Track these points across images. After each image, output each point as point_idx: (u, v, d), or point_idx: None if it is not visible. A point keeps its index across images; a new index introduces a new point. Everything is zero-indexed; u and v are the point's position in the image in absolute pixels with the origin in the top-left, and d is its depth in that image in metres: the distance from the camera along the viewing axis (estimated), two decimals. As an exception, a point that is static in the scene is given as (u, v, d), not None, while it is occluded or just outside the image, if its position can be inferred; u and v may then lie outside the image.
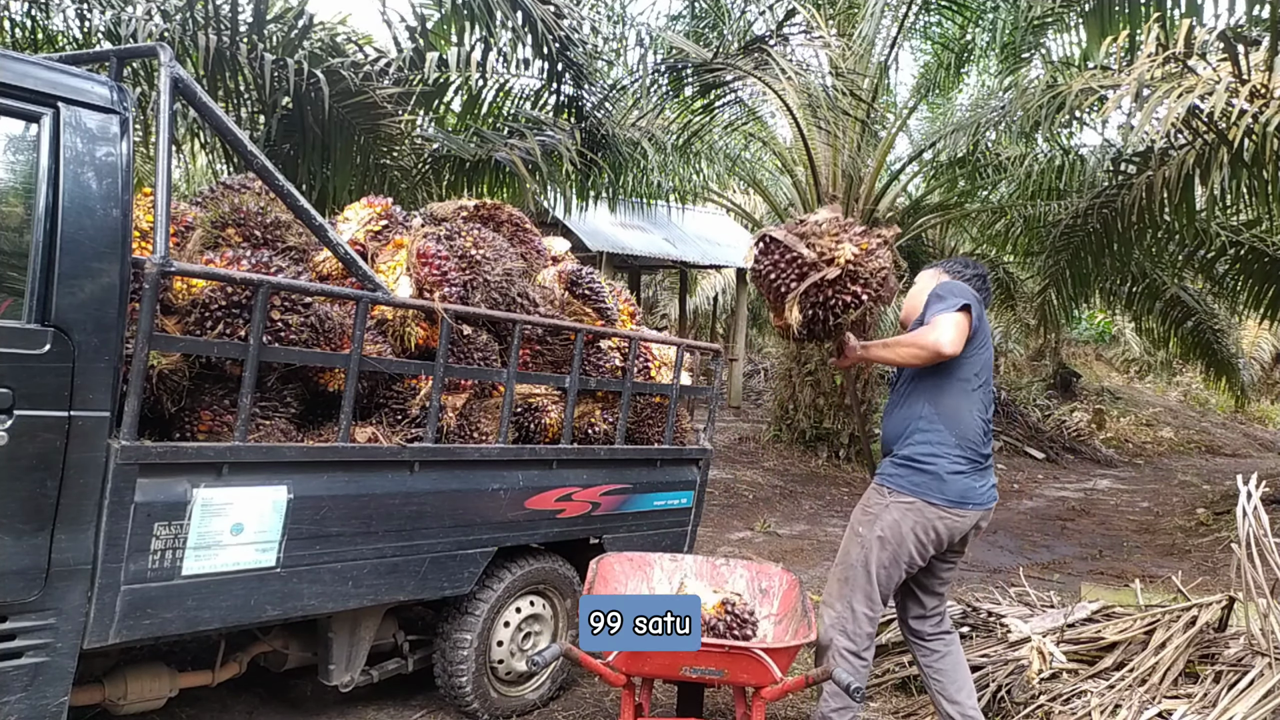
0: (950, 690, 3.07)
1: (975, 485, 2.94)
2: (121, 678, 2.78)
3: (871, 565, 2.94)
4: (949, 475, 2.90)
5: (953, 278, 3.11)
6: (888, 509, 2.95)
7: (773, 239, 2.97)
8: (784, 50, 7.81)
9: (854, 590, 2.96)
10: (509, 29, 6.74)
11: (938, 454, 2.91)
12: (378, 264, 3.19)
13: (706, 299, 21.39)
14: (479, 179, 7.92)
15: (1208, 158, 6.42)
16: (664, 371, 3.89)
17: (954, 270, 3.17)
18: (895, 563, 2.94)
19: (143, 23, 5.47)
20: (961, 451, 2.92)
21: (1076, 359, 21.68)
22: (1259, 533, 3.25)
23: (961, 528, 2.96)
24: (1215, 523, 8.75)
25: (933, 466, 2.91)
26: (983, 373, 2.99)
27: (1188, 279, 12.01)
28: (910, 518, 2.92)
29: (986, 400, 3.00)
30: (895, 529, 2.92)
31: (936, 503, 2.90)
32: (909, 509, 2.92)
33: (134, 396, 2.37)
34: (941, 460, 2.91)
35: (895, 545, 2.93)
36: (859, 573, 2.96)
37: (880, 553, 2.94)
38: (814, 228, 2.97)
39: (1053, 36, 8.43)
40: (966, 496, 2.92)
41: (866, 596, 2.95)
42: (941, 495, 2.90)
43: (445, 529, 3.12)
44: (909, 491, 2.93)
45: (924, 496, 2.91)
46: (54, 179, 2.27)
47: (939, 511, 2.90)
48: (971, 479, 2.93)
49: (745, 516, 7.73)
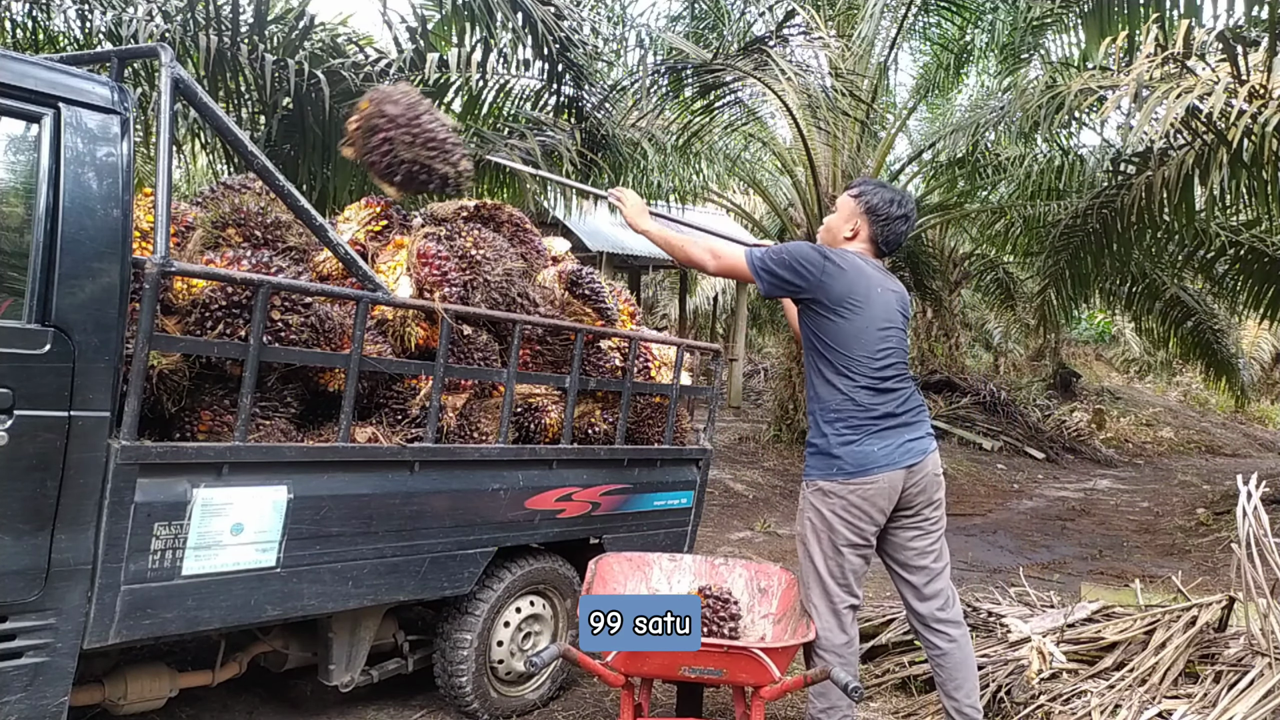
0: (949, 687, 3.04)
1: (871, 449, 2.87)
2: (121, 678, 2.78)
3: (815, 559, 2.95)
4: (839, 449, 2.89)
5: (868, 212, 3.06)
6: (808, 500, 2.99)
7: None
8: (783, 51, 7.81)
9: (809, 587, 2.99)
10: (509, 30, 6.74)
11: (821, 432, 2.95)
12: (378, 264, 3.19)
13: (706, 299, 21.39)
14: (479, 179, 7.92)
15: (1207, 158, 6.42)
16: (664, 371, 3.89)
17: (873, 203, 3.07)
18: (835, 550, 2.92)
19: (144, 23, 5.47)
20: (840, 421, 2.90)
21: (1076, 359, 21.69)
22: (1259, 533, 3.25)
23: (884, 494, 2.88)
24: (1215, 523, 8.75)
25: (821, 444, 2.94)
26: (851, 339, 2.92)
27: (1187, 279, 12.02)
28: (825, 502, 2.92)
29: (870, 361, 2.91)
30: (818, 516, 2.94)
31: (839, 480, 2.89)
32: (820, 494, 2.94)
33: (134, 396, 2.37)
34: (827, 437, 2.92)
35: (827, 532, 2.93)
36: (807, 569, 3.00)
37: (816, 545, 2.95)
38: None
39: (1052, 37, 8.44)
40: (866, 462, 2.87)
41: (822, 590, 2.95)
42: (840, 470, 2.89)
43: (445, 529, 3.13)
44: (815, 477, 2.96)
45: (826, 477, 2.92)
46: (55, 179, 2.27)
47: (846, 486, 2.88)
48: (866, 444, 2.88)
49: (745, 516, 7.73)
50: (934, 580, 3.04)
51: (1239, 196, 7.35)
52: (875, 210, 3.06)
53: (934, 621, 3.03)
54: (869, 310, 2.94)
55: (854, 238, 3.09)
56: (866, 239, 3.08)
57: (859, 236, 3.08)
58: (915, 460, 2.94)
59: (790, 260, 2.95)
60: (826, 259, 2.95)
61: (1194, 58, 5.42)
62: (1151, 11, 6.59)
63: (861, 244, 3.08)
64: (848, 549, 2.93)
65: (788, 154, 11.03)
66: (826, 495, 2.93)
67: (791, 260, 2.95)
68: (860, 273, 2.97)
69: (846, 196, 3.13)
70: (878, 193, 3.08)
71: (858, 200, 3.09)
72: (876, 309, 2.96)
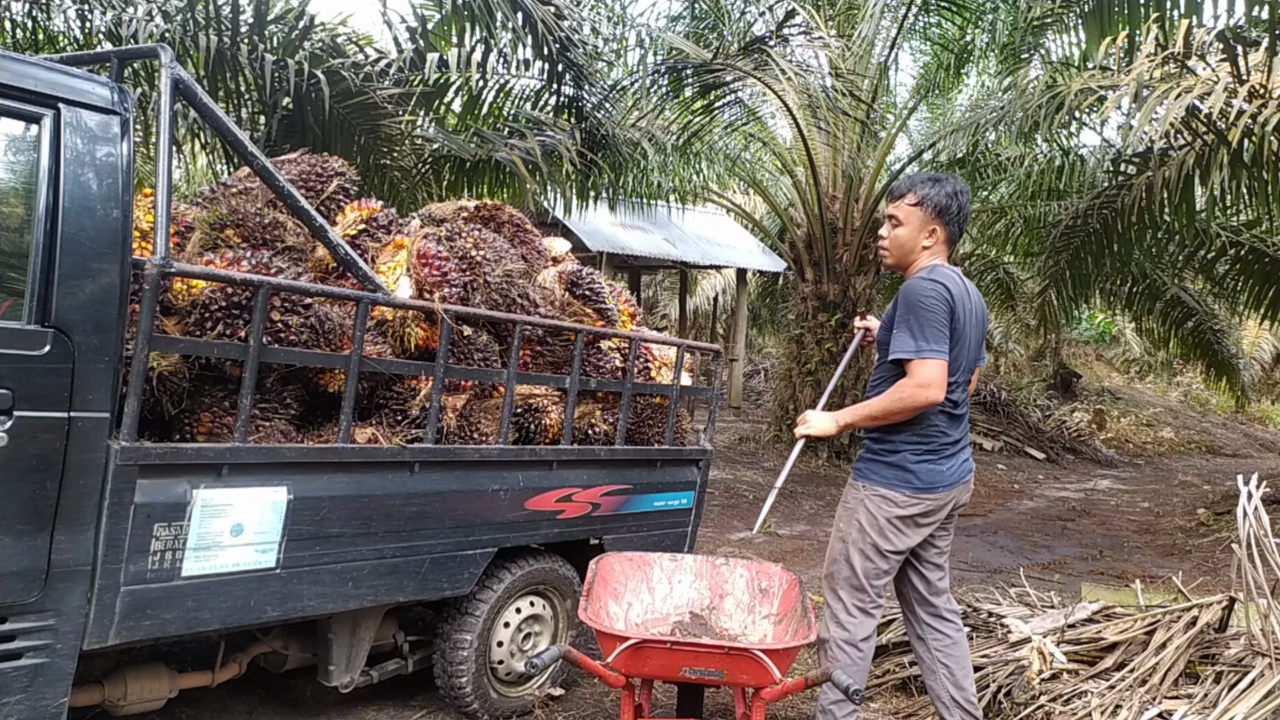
0: (958, 675, 3.09)
1: (942, 469, 2.98)
2: (121, 678, 2.78)
3: (854, 559, 3.00)
4: (914, 464, 2.96)
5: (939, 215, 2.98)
6: (862, 503, 3.02)
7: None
8: (784, 51, 7.80)
9: (841, 584, 3.04)
10: (509, 30, 6.74)
11: (894, 447, 2.98)
12: (378, 265, 3.19)
13: (706, 299, 21.41)
14: (479, 179, 7.92)
15: (1207, 158, 6.42)
16: (664, 372, 3.89)
17: (940, 204, 2.98)
18: (878, 554, 2.99)
19: (143, 24, 5.47)
20: (922, 441, 2.96)
21: (1077, 359, 21.68)
22: (1259, 533, 3.25)
23: (936, 510, 3.00)
24: (1215, 523, 8.74)
25: (897, 458, 2.97)
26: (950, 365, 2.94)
27: (1188, 279, 12.02)
28: (883, 509, 2.98)
29: (950, 392, 2.94)
30: (871, 520, 2.99)
31: (906, 492, 2.96)
32: (881, 500, 2.98)
33: (134, 397, 2.37)
34: (905, 451, 2.96)
35: (875, 536, 2.98)
36: (843, 567, 3.04)
37: (861, 545, 3.00)
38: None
39: (1052, 37, 8.43)
40: (934, 481, 2.97)
41: (854, 589, 3.01)
42: (909, 485, 2.95)
43: (445, 530, 3.12)
44: (879, 484, 2.99)
45: (893, 487, 2.97)
46: (54, 180, 2.27)
47: (910, 500, 2.96)
48: (938, 464, 2.97)
49: (745, 517, 7.72)
50: (945, 575, 3.20)
51: (1239, 197, 7.35)
52: (945, 211, 2.99)
53: (945, 612, 3.16)
54: (962, 344, 2.96)
55: (932, 245, 3.03)
56: (944, 241, 3.03)
57: (937, 241, 3.02)
58: (968, 476, 3.08)
59: (942, 329, 2.85)
60: (951, 305, 2.89)
61: (1194, 58, 5.42)
62: (1151, 11, 6.58)
63: (940, 247, 3.03)
64: (892, 555, 3.01)
65: (788, 154, 11.03)
66: (887, 503, 2.97)
67: (942, 328, 2.85)
68: (964, 306, 2.94)
69: (908, 207, 3.01)
70: (938, 191, 2.99)
71: (923, 208, 3.00)
72: (968, 341, 2.99)
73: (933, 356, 2.83)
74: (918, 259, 3.04)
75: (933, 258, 3.03)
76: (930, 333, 2.84)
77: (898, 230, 3.05)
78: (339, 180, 3.33)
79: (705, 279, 20.17)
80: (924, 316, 2.85)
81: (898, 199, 3.06)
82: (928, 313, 2.86)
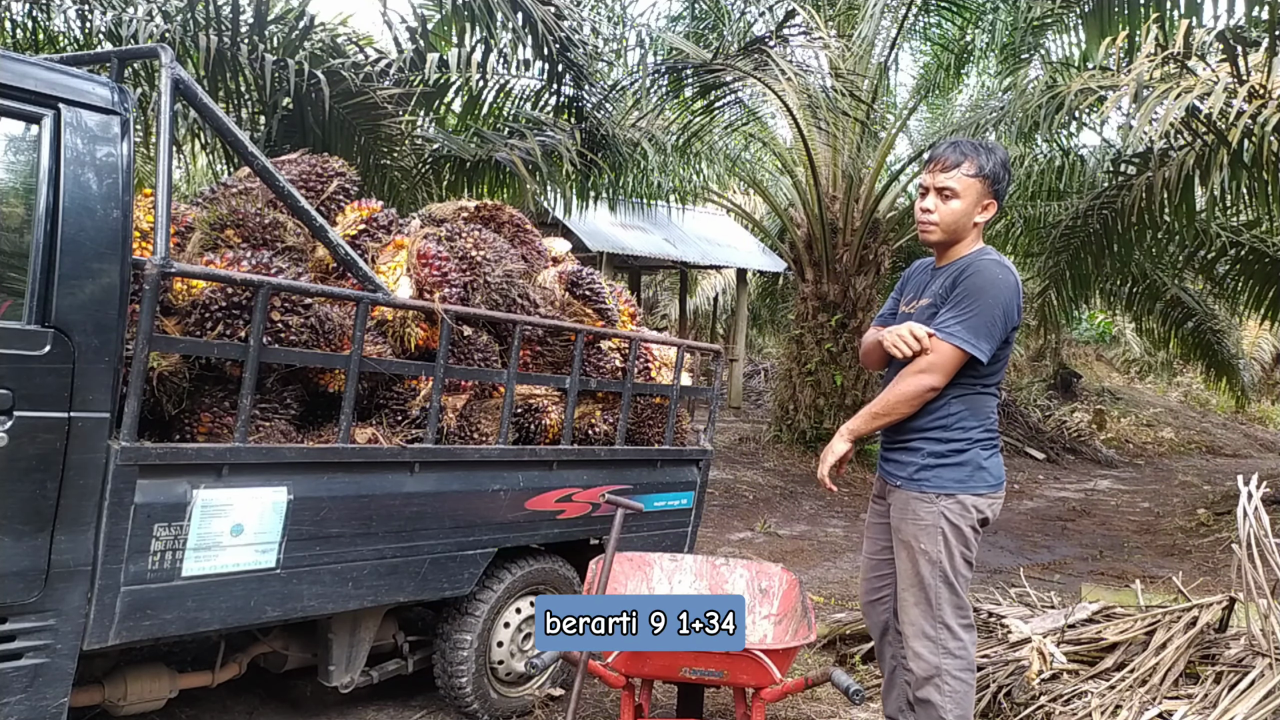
0: None
1: (1000, 462, 2.91)
2: (121, 678, 2.78)
3: (950, 575, 2.78)
4: (986, 460, 2.82)
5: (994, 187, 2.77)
6: (941, 514, 2.79)
7: None
8: (784, 51, 7.81)
9: (942, 607, 2.78)
10: (509, 30, 6.74)
11: (968, 445, 2.81)
12: (378, 265, 3.19)
13: (706, 299, 21.40)
14: (479, 179, 7.92)
15: (1207, 158, 6.42)
16: (664, 372, 3.89)
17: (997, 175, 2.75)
18: (967, 565, 2.82)
19: (144, 24, 5.47)
20: (990, 435, 2.86)
21: (1077, 359, 21.67)
22: (1259, 533, 3.25)
23: (1000, 505, 2.91)
24: (1216, 523, 8.74)
25: (968, 456, 2.80)
26: (1001, 370, 2.91)
27: (1188, 280, 12.02)
28: (965, 516, 2.79)
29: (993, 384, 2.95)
30: (955, 532, 2.78)
31: (983, 491, 2.81)
32: (959, 508, 2.78)
33: (134, 398, 2.37)
34: (975, 449, 2.80)
35: (961, 546, 2.79)
36: (940, 589, 2.76)
37: (951, 560, 2.78)
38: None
39: (1052, 37, 8.43)
40: (1001, 475, 2.88)
41: (956, 609, 2.79)
42: (984, 483, 2.81)
43: (445, 530, 3.12)
44: (955, 488, 2.79)
45: (969, 489, 2.79)
46: (54, 180, 2.27)
47: (987, 499, 2.82)
48: (998, 457, 2.90)
49: (746, 517, 7.72)
50: None
51: (1239, 197, 7.36)
52: (999, 182, 2.78)
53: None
54: (1010, 341, 2.88)
55: (986, 219, 2.82)
56: (995, 212, 2.84)
57: (989, 213, 2.82)
58: None
59: (997, 327, 2.72)
60: (1018, 304, 2.79)
61: (1194, 58, 5.42)
62: (1151, 11, 6.59)
63: (988, 218, 2.83)
64: (973, 562, 2.84)
65: (788, 154, 11.03)
66: (966, 507, 2.78)
67: (997, 327, 2.72)
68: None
69: (966, 178, 2.73)
70: (993, 162, 2.76)
71: (981, 179, 2.74)
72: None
73: (964, 348, 2.68)
74: (967, 236, 2.81)
75: (979, 236, 2.84)
76: (984, 329, 2.69)
77: (952, 203, 2.75)
78: (339, 180, 3.33)
79: (705, 279, 20.16)
80: (987, 311, 2.68)
81: (951, 168, 2.74)
82: (996, 308, 2.69)
